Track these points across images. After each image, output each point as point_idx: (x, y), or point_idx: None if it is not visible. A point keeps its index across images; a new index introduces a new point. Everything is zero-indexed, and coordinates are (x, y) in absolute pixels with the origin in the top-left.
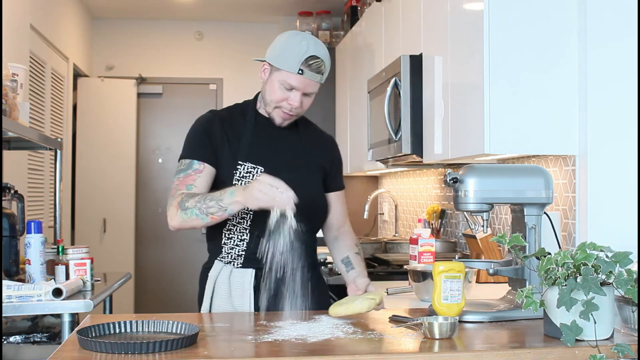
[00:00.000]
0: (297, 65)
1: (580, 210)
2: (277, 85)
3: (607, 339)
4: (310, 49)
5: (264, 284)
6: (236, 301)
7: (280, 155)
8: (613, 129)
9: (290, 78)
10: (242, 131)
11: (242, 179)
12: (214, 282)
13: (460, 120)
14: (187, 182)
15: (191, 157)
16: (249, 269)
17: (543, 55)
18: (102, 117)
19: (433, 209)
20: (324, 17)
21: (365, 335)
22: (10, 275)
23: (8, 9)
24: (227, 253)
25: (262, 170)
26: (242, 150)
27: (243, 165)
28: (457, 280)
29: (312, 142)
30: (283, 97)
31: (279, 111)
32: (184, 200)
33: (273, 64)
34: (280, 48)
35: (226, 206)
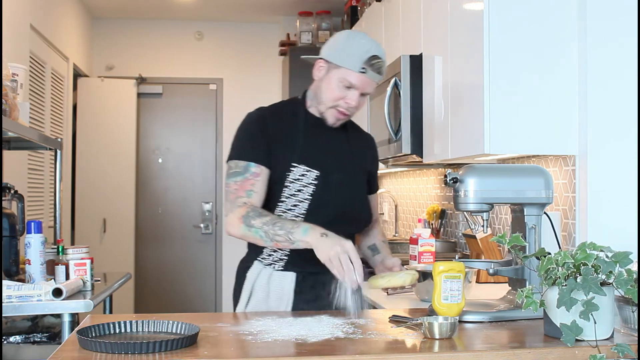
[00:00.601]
0: (360, 64)
1: (580, 210)
2: (336, 83)
3: (607, 339)
4: (373, 49)
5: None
6: (273, 304)
7: (331, 157)
8: (613, 129)
9: (351, 76)
10: (294, 131)
11: (295, 182)
12: (252, 284)
13: (460, 120)
14: (245, 187)
15: (246, 158)
16: (289, 273)
17: (543, 55)
18: (102, 117)
19: (433, 209)
20: (324, 17)
21: (365, 335)
22: (10, 275)
23: (8, 9)
24: (268, 255)
25: (317, 174)
26: (295, 152)
27: (297, 167)
28: (457, 280)
29: (358, 143)
30: (341, 96)
31: (333, 110)
32: (249, 216)
33: (333, 62)
34: (342, 46)
35: (295, 241)
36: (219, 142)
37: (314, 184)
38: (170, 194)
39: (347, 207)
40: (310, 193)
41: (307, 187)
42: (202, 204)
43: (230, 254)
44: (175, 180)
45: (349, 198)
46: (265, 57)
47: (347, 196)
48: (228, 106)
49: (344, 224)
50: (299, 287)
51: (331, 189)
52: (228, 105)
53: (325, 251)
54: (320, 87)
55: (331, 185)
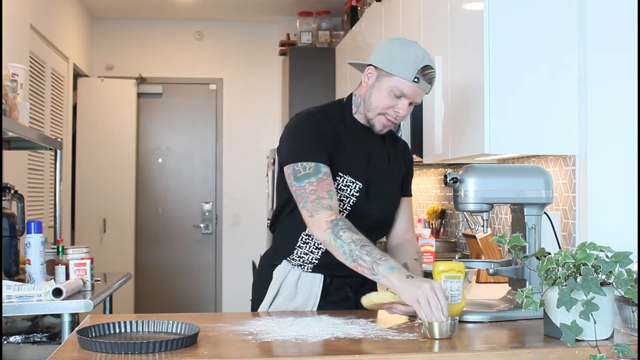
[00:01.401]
0: (414, 73)
1: (580, 210)
2: (386, 91)
3: (607, 339)
4: (426, 59)
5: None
6: (299, 304)
7: (374, 168)
8: (613, 129)
9: (403, 85)
10: (341, 137)
11: (340, 191)
12: (280, 283)
13: (460, 120)
14: (325, 187)
15: (314, 159)
16: (318, 275)
17: (543, 55)
18: (102, 117)
19: (433, 209)
20: (324, 17)
21: (365, 336)
22: (10, 275)
23: (8, 9)
24: (299, 257)
25: (360, 186)
26: (342, 162)
27: (343, 177)
28: (457, 280)
29: (394, 151)
30: (391, 104)
31: (382, 118)
32: (339, 225)
33: (385, 69)
34: (395, 54)
35: (377, 274)
36: (219, 142)
37: (356, 196)
38: (170, 194)
39: (382, 217)
40: (351, 204)
41: (349, 197)
42: (202, 204)
43: (230, 254)
44: (175, 180)
45: (385, 208)
46: (265, 57)
47: (384, 206)
48: (228, 106)
49: (378, 233)
50: (326, 289)
51: (370, 200)
52: (228, 105)
53: (413, 292)
54: (371, 94)
55: (370, 196)
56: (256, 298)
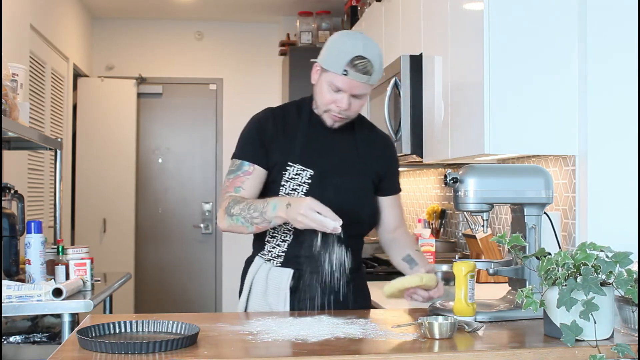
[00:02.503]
0: (342, 66)
1: (580, 210)
2: (325, 87)
3: (607, 339)
4: (358, 49)
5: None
6: (271, 299)
7: (331, 158)
8: (613, 129)
9: (335, 79)
10: (295, 130)
11: (291, 180)
12: (252, 279)
13: (460, 120)
14: (235, 183)
15: (242, 157)
16: (287, 269)
17: (543, 55)
18: (102, 117)
19: (433, 209)
20: (324, 17)
21: (365, 336)
22: (10, 275)
23: (8, 9)
24: (268, 251)
25: (312, 173)
26: (293, 151)
27: (293, 166)
28: (473, 279)
29: (367, 145)
30: (331, 100)
31: (328, 114)
32: (230, 206)
33: (322, 65)
34: (329, 48)
35: (270, 219)
36: (219, 142)
37: (308, 183)
38: (170, 194)
39: (344, 209)
40: (304, 192)
41: (302, 185)
42: (202, 204)
43: (230, 253)
44: (175, 180)
45: (346, 200)
46: (265, 57)
47: (344, 198)
48: (228, 106)
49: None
50: (295, 285)
51: (326, 189)
52: (228, 105)
53: (295, 221)
54: (315, 91)
55: (326, 185)
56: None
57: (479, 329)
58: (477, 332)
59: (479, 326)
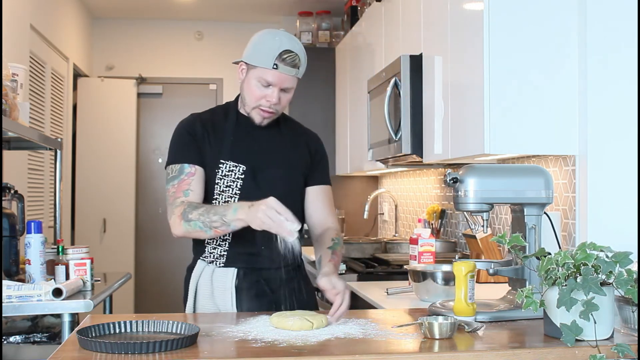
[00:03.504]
0: (272, 60)
1: (580, 210)
2: (254, 83)
3: (607, 339)
4: (284, 44)
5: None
6: (218, 300)
7: (261, 153)
8: (613, 129)
9: (265, 74)
10: (224, 131)
11: (225, 177)
12: (197, 282)
13: (460, 120)
14: (182, 187)
15: (180, 161)
16: (230, 269)
17: (543, 55)
18: (102, 117)
19: (433, 209)
20: (324, 17)
21: (365, 336)
22: (10, 275)
23: (8, 9)
24: (209, 253)
25: (244, 168)
26: (224, 150)
27: (225, 164)
28: (473, 279)
29: (293, 139)
30: (261, 95)
31: (258, 110)
32: (186, 212)
33: (248, 62)
34: (254, 46)
35: (229, 222)
36: None
37: (242, 179)
38: None
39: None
40: (239, 187)
41: (236, 181)
42: None
43: None
44: None
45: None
46: None
47: (278, 191)
48: None
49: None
50: (240, 283)
51: (259, 183)
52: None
53: (255, 219)
54: (243, 88)
55: (259, 179)
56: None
57: (479, 329)
58: (477, 332)
59: (479, 326)
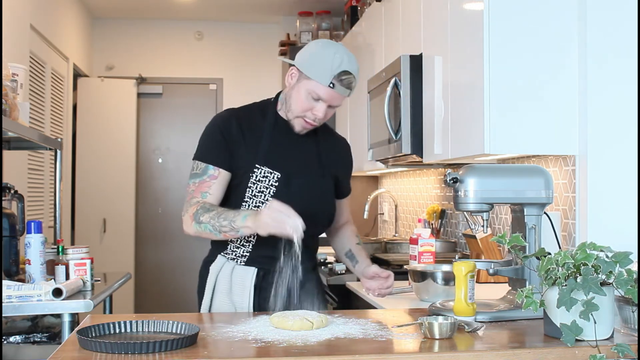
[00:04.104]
0: (329, 79)
1: (580, 210)
2: (305, 94)
3: (607, 339)
4: (344, 64)
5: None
6: (236, 298)
7: (296, 161)
8: (613, 129)
9: (319, 89)
10: (260, 133)
11: (258, 183)
12: (216, 277)
13: (460, 120)
14: (202, 189)
15: (206, 160)
16: (251, 267)
17: (543, 55)
18: (102, 117)
19: (433, 209)
20: (324, 17)
21: (365, 336)
22: (10, 275)
23: (8, 9)
24: (232, 250)
25: (279, 176)
26: (260, 154)
27: (260, 169)
28: (473, 279)
29: (328, 148)
30: (309, 107)
31: (300, 120)
32: (198, 213)
33: (304, 72)
34: (314, 57)
35: (238, 228)
36: None
37: (275, 186)
38: (170, 194)
39: (309, 210)
40: (271, 194)
41: (269, 188)
42: None
43: None
44: (175, 180)
45: (312, 201)
46: (265, 57)
47: (310, 199)
48: (228, 106)
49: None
50: (259, 283)
51: (292, 191)
52: (228, 105)
53: (262, 225)
54: (291, 95)
55: (293, 187)
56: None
57: (479, 329)
58: (477, 332)
59: (479, 326)
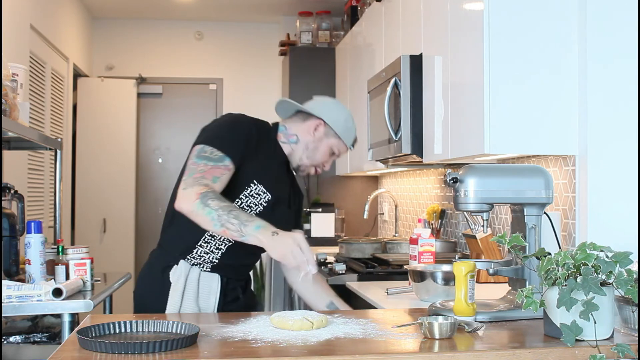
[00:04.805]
0: (352, 141)
1: (580, 210)
2: (327, 149)
3: (607, 339)
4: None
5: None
6: (202, 303)
7: (283, 189)
8: (613, 129)
9: (342, 148)
10: (264, 152)
11: (250, 197)
12: (185, 282)
13: (460, 120)
14: (215, 173)
15: (225, 151)
16: (215, 274)
17: (543, 55)
18: (102, 117)
19: (433, 209)
20: (324, 17)
21: (365, 336)
22: (10, 275)
23: (8, 9)
24: (199, 256)
25: (269, 198)
26: (261, 171)
27: (257, 185)
28: (473, 279)
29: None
30: (325, 160)
31: (312, 168)
32: (208, 196)
33: (336, 131)
34: (345, 122)
35: (245, 234)
36: None
37: (263, 206)
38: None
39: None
40: (257, 212)
41: (257, 207)
42: None
43: None
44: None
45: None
46: (265, 57)
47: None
48: (228, 106)
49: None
50: (223, 289)
51: (276, 217)
52: (228, 105)
53: (278, 249)
54: (317, 147)
55: (276, 213)
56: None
57: (479, 329)
58: (477, 332)
59: (479, 326)
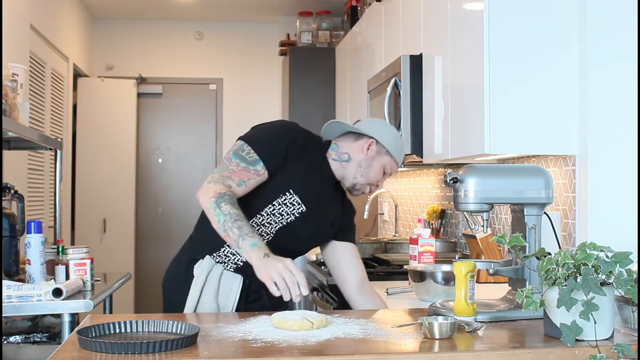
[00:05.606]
0: (402, 160)
1: (580, 210)
2: (380, 168)
3: (607, 339)
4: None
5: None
6: (221, 301)
7: (321, 204)
8: (613, 129)
9: (394, 167)
10: (308, 164)
11: (283, 206)
12: (206, 278)
13: (460, 120)
14: (243, 176)
15: (261, 155)
16: (238, 275)
17: (543, 55)
18: (102, 117)
19: (433, 209)
20: (324, 17)
21: (365, 336)
22: (10, 275)
23: (8, 9)
24: (225, 255)
25: (303, 210)
26: (299, 182)
27: (292, 195)
28: (473, 279)
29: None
30: (378, 179)
31: (368, 187)
32: (224, 198)
33: (390, 151)
34: (394, 140)
35: (240, 247)
36: (219, 142)
37: (295, 217)
38: (170, 194)
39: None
40: (287, 222)
41: (290, 216)
42: None
43: None
44: (175, 180)
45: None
46: (265, 57)
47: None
48: (228, 106)
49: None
50: (245, 291)
51: (304, 228)
52: (228, 105)
53: (265, 270)
54: (371, 165)
55: (306, 226)
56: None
57: (479, 329)
58: (477, 332)
59: (479, 326)
